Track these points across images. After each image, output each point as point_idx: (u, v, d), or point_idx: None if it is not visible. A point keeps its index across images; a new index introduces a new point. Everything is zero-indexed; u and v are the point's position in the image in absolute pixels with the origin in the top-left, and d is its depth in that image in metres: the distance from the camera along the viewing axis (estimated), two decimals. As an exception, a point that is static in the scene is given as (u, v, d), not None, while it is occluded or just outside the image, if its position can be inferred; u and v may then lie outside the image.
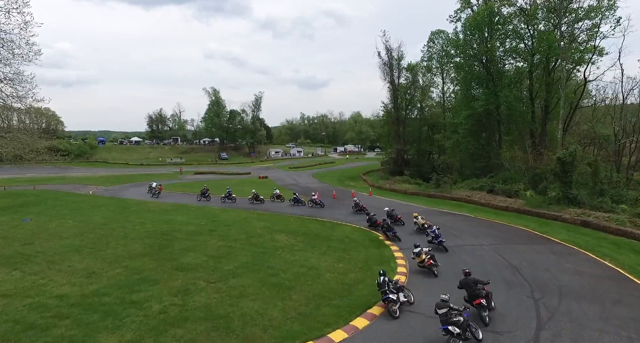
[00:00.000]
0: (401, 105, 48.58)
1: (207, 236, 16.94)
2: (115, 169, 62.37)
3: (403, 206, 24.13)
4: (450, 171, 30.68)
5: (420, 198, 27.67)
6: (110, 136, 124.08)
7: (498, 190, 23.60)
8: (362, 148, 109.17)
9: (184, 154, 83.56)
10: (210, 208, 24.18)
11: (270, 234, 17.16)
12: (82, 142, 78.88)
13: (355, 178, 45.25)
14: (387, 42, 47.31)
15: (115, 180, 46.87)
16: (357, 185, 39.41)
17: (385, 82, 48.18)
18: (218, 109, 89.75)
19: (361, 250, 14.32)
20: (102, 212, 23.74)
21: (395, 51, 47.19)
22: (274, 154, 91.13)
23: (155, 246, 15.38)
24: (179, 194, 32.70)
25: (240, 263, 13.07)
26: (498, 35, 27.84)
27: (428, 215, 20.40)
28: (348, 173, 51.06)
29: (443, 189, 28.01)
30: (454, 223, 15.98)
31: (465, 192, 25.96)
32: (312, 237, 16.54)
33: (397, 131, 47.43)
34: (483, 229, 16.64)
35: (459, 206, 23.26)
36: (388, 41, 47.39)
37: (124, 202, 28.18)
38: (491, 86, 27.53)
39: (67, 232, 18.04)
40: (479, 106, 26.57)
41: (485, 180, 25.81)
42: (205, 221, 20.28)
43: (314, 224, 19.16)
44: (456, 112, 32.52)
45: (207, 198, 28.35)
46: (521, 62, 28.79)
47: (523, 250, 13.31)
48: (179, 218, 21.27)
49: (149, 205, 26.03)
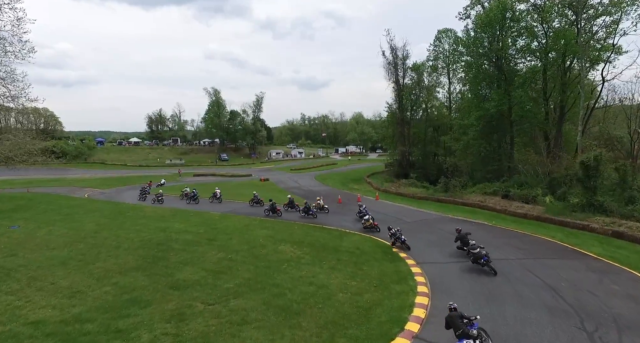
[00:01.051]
0: (406, 105, 47.33)
1: (206, 247, 15.70)
2: (113, 171, 61.20)
3: (413, 212, 22.86)
4: (460, 174, 29.39)
5: (430, 203, 26.40)
6: (110, 137, 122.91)
7: (514, 195, 22.33)
8: (363, 149, 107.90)
9: (184, 155, 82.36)
10: (209, 215, 22.94)
11: (273, 244, 15.92)
12: (80, 142, 77.65)
13: (359, 181, 44.00)
14: (391, 41, 46.06)
15: (113, 182, 45.67)
16: (362, 188, 38.14)
17: (390, 82, 46.90)
18: (218, 110, 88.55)
19: (374, 264, 13.05)
20: (95, 218, 22.51)
21: (400, 50, 45.90)
22: (274, 155, 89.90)
23: (149, 258, 14.14)
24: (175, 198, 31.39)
25: (242, 279, 11.83)
26: (510, 32, 26.60)
27: (442, 223, 19.19)
28: (351, 175, 49.80)
29: (453, 194, 26.75)
30: (473, 233, 14.65)
31: (477, 197, 24.69)
32: (319, 248, 15.29)
33: (402, 132, 46.16)
34: (505, 240, 15.35)
35: (472, 212, 21.99)
36: (393, 40, 46.12)
37: (120, 206, 26.95)
38: (503, 86, 26.27)
39: (56, 241, 16.81)
40: (491, 107, 25.31)
41: (498, 185, 24.54)
42: (204, 229, 19.04)
43: (320, 233, 17.91)
44: (465, 113, 31.28)
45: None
46: (534, 60, 27.54)
47: (556, 266, 12.02)
48: (176, 225, 20.04)
49: (145, 211, 24.79)
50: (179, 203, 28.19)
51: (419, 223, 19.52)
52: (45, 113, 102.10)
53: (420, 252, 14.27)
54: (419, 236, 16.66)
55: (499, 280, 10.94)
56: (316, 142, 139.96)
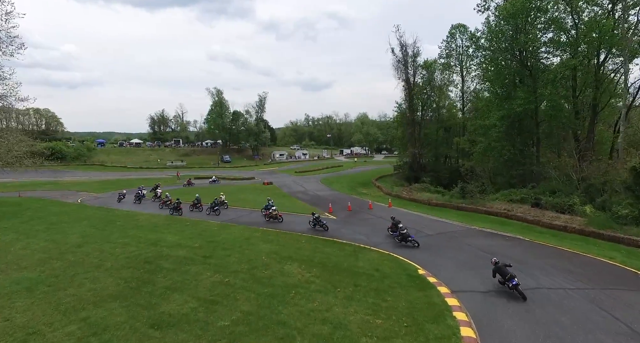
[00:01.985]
0: (416, 105, 45.07)
1: (200, 266, 13.55)
2: (112, 173, 59.52)
3: (432, 223, 20.58)
4: (477, 179, 27.07)
5: (449, 211, 24.13)
6: (112, 138, 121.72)
7: (546, 204, 19.98)
8: (368, 150, 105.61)
9: (185, 156, 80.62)
10: (207, 224, 20.83)
11: (278, 263, 13.75)
12: (80, 144, 76.14)
13: (367, 185, 41.77)
14: (401, 37, 44.01)
15: (110, 185, 43.89)
16: (371, 193, 35.93)
17: (400, 80, 44.78)
18: (221, 110, 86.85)
19: (400, 293, 10.83)
20: (82, 227, 20.49)
21: (411, 47, 43.86)
22: (278, 156, 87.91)
23: (133, 282, 12.01)
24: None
25: (241, 314, 9.66)
26: (536, 24, 24.29)
27: (469, 237, 16.89)
28: (359, 178, 47.59)
29: (474, 201, 24.43)
30: (508, 250, 12.51)
31: (502, 205, 22.38)
32: (331, 269, 13.10)
33: (412, 133, 43.90)
34: (552, 261, 13.02)
35: (500, 223, 19.68)
36: (402, 36, 44.08)
37: (112, 214, 24.94)
38: (529, 83, 23.96)
39: (30, 257, 14.75)
40: (517, 105, 23.00)
41: (526, 191, 22.21)
42: (200, 242, 16.92)
43: (331, 249, 15.71)
44: (483, 112, 28.99)
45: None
46: (561, 55, 25.18)
47: (635, 301, 9.69)
48: (169, 237, 17.94)
49: (138, 219, 22.75)
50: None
51: (442, 236, 17.24)
52: (46, 114, 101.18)
53: (453, 277, 12.02)
54: (447, 254, 14.39)
55: (565, 321, 8.65)
56: (320, 143, 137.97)
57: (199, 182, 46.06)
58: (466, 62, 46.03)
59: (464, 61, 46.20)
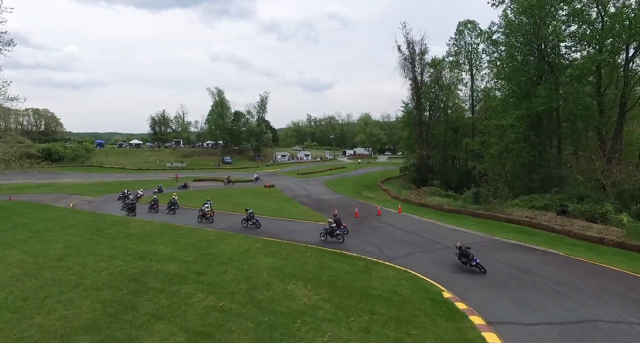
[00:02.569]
0: (424, 105, 43.32)
1: (192, 285, 11.89)
2: (110, 175, 58.06)
3: (450, 232, 18.83)
4: (490, 182, 25.29)
5: (465, 218, 22.39)
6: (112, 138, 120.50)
7: (574, 211, 18.19)
8: (372, 151, 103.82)
9: (186, 157, 79.12)
10: (204, 234, 19.17)
11: (281, 282, 12.07)
12: (78, 144, 74.77)
13: (372, 188, 40.03)
14: (407, 34, 42.42)
15: (106, 188, 42.38)
16: (378, 197, 34.21)
17: (407, 79, 43.08)
18: (222, 110, 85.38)
19: (426, 325, 9.13)
20: (68, 236, 18.88)
21: (418, 44, 42.13)
22: (280, 157, 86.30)
23: (113, 306, 10.36)
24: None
25: (236, 353, 7.98)
26: (558, 17, 22.54)
27: (495, 250, 15.10)
28: (364, 181, 45.84)
29: (492, 207, 22.66)
30: (543, 267, 10.78)
31: (524, 212, 20.62)
32: (341, 290, 11.41)
33: (420, 134, 42.16)
34: (600, 283, 11.19)
35: (524, 233, 17.93)
36: (409, 33, 42.58)
37: (102, 220, 23.34)
38: (552, 79, 22.20)
39: (3, 274, 13.09)
40: (539, 104, 21.24)
41: (549, 197, 20.43)
42: (194, 255, 15.27)
43: (340, 263, 14.01)
44: (497, 112, 27.22)
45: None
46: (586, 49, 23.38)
47: None
48: (161, 249, 16.29)
49: (130, 227, 21.11)
50: (171, 217, 24.52)
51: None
52: (45, 114, 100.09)
53: (485, 302, 10.29)
54: (472, 272, 12.64)
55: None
56: (322, 144, 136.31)
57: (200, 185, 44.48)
58: (476, 60, 44.33)
59: (473, 59, 44.49)
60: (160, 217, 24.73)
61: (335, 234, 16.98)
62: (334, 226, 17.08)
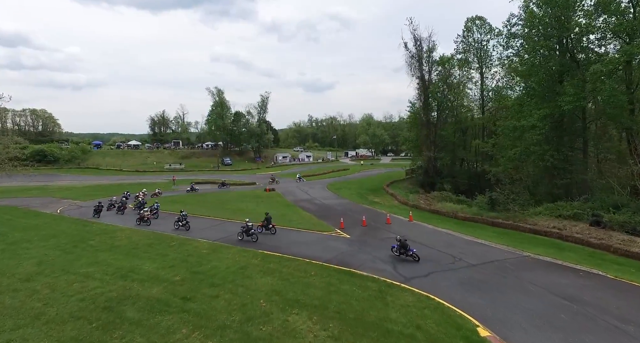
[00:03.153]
0: (432, 105, 41.39)
1: (176, 316, 10.00)
2: (106, 177, 56.27)
3: (470, 245, 16.86)
4: (515, 188, 23.35)
5: (484, 228, 20.45)
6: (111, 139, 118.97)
7: (610, 223, 16.23)
8: (374, 152, 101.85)
9: (185, 159, 77.31)
10: (196, 246, 17.28)
11: (281, 312, 10.18)
12: (74, 146, 73.09)
13: (378, 192, 38.06)
14: (414, 30, 40.47)
15: (100, 191, 40.54)
16: (385, 202, 32.28)
17: (414, 78, 41.19)
18: (222, 110, 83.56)
19: (465, 379, 7.19)
20: (45, 249, 17.04)
21: (426, 41, 40.23)
22: (281, 159, 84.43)
23: (76, 346, 8.50)
24: (163, 215, 25.78)
25: None
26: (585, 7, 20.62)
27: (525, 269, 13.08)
28: (368, 184, 43.85)
29: (512, 215, 20.71)
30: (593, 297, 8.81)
31: (550, 222, 18.68)
32: (353, 323, 9.52)
33: (427, 135, 40.21)
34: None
35: (555, 247, 15.98)
36: (416, 30, 40.61)
37: (88, 229, 21.47)
38: (578, 76, 20.28)
39: (-45, 299, 11.29)
40: (566, 103, 19.29)
41: (579, 205, 18.48)
42: (182, 273, 13.41)
43: (349, 285, 12.10)
44: (514, 112, 25.28)
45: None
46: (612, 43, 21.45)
47: None
48: (147, 265, 14.44)
49: (116, 237, 19.26)
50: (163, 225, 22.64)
51: (490, 268, 13.53)
52: (43, 114, 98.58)
53: (532, 341, 8.34)
54: (509, 299, 10.69)
55: None
56: (324, 145, 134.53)
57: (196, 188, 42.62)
58: (485, 58, 42.40)
59: (483, 56, 42.56)
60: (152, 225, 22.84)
61: (250, 233, 18.19)
62: (250, 225, 18.57)
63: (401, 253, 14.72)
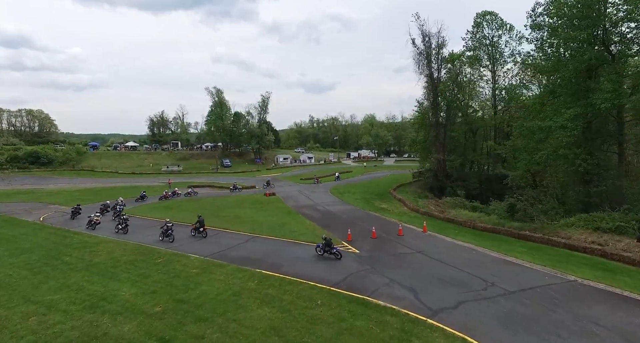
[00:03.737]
0: (441, 104, 39.19)
1: (147, 370, 7.85)
2: (100, 180, 54.18)
3: (500, 265, 14.64)
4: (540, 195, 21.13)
5: (508, 241, 18.25)
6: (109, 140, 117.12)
7: (664, 238, 14.02)
8: (377, 153, 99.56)
9: (183, 160, 75.23)
10: (185, 263, 15.14)
11: (282, 363, 7.99)
12: (69, 147, 71.09)
13: (384, 196, 35.82)
14: (422, 26, 38.19)
15: (91, 195, 38.49)
16: (392, 208, 30.07)
17: (422, 76, 39.01)
18: (221, 111, 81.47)
19: None
20: (13, 268, 14.94)
21: (435, 37, 38.06)
22: (282, 160, 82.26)
23: None
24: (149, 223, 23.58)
25: None
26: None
27: (578, 300, 10.76)
28: (373, 187, 41.60)
29: (540, 226, 18.50)
30: None
31: (586, 235, 16.50)
32: (377, 383, 7.31)
33: (437, 137, 38.02)
34: None
35: (603, 269, 13.77)
36: (424, 25, 38.27)
37: (67, 241, 19.35)
38: (615, 70, 18.08)
39: None
40: (603, 100, 17.08)
41: (620, 216, 16.27)
42: (164, 301, 11.29)
43: (364, 320, 9.94)
44: (536, 111, 23.05)
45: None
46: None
47: None
48: (124, 290, 12.33)
49: (96, 252, 17.13)
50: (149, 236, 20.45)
51: (533, 297, 11.24)
52: (39, 115, 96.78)
53: None
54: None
55: None
56: (325, 146, 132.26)
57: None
58: (497, 55, 40.22)
59: (494, 54, 40.37)
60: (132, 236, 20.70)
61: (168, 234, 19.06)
62: (169, 225, 19.41)
63: (325, 252, 15.61)
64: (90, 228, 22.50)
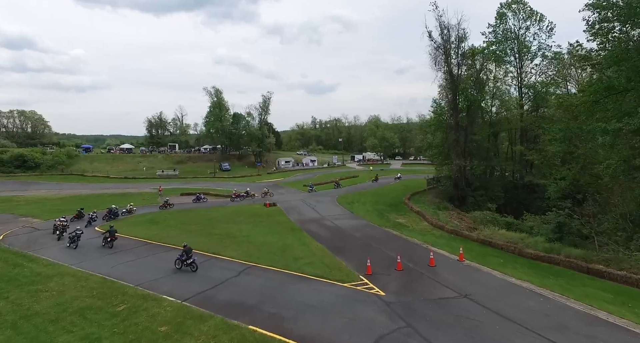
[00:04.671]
0: (462, 105, 35.20)
1: None
2: (90, 185, 50.44)
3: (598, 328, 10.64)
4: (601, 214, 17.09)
5: (576, 278, 14.29)
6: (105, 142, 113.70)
7: None
8: (382, 156, 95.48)
9: (180, 164, 71.47)
10: (153, 314, 11.22)
11: None
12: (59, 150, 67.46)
13: (399, 208, 31.78)
14: (440, 16, 34.20)
15: (73, 203, 34.54)
16: (411, 224, 26.07)
17: (440, 72, 35.03)
18: (220, 112, 77.74)
19: None
20: None
21: (454, 29, 34.08)
22: (284, 164, 78.43)
23: None
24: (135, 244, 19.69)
25: None
26: None
27: None
28: (385, 195, 37.54)
29: (613, 257, 14.46)
30: None
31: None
32: None
33: (457, 140, 34.00)
34: None
35: None
36: (442, 16, 34.25)
37: (17, 271, 15.51)
38: None
39: None
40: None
41: None
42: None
43: None
44: (587, 112, 19.09)
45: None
46: None
47: None
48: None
49: (44, 290, 13.24)
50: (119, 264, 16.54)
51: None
52: (32, 116, 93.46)
53: None
54: None
55: None
56: (328, 148, 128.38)
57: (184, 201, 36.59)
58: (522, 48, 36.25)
59: (520, 48, 36.39)
60: (99, 262, 16.82)
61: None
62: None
63: (183, 265, 14.91)
64: (72, 245, 19.46)
